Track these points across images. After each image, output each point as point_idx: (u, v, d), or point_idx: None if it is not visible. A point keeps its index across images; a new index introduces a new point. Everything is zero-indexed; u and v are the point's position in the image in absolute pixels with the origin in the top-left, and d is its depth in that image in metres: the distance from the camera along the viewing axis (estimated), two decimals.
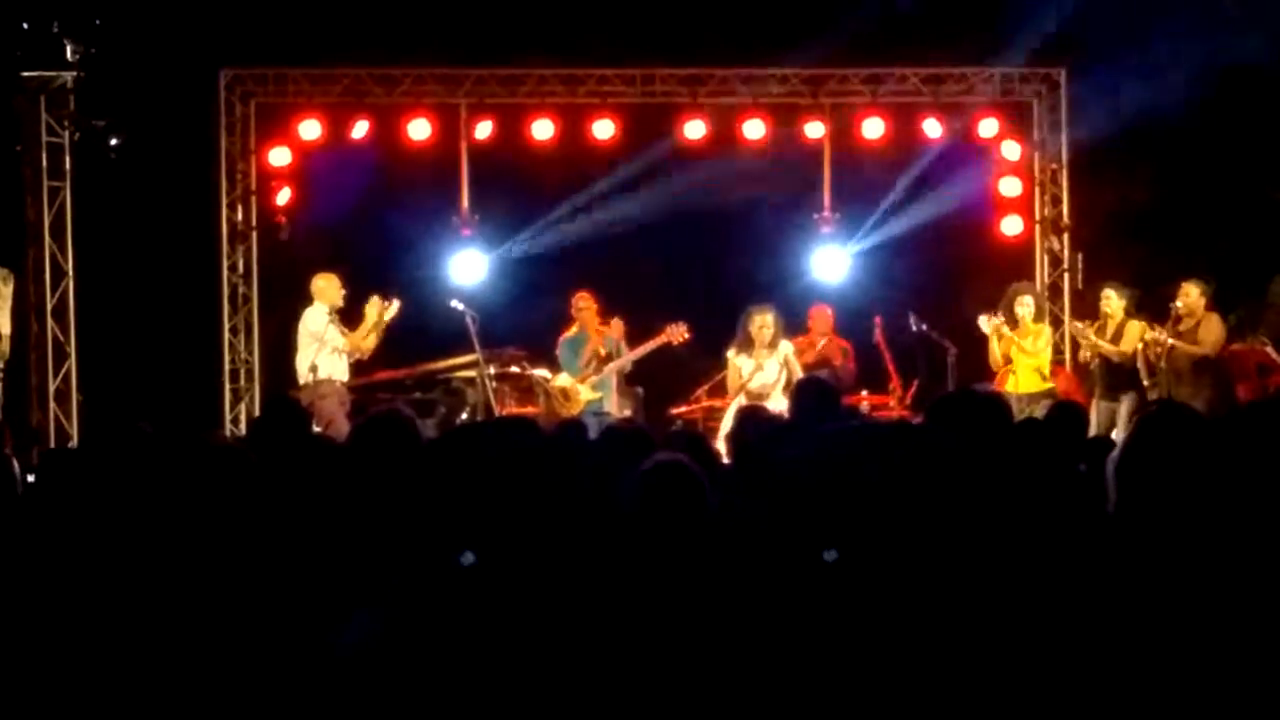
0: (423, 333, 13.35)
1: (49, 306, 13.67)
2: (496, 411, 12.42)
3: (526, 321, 14.04)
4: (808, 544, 4.01)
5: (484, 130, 15.02)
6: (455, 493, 3.95)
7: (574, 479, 4.63)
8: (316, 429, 10.76)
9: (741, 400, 12.00)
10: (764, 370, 12.19)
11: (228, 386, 15.11)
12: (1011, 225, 15.33)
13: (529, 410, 12.91)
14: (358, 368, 12.64)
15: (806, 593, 3.84)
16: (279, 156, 15.04)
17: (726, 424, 12.03)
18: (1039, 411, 10.63)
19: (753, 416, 7.26)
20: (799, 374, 12.00)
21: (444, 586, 3.75)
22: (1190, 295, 12.38)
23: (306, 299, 12.42)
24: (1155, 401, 6.13)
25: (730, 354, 12.33)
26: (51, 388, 13.71)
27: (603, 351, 12.85)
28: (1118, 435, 10.97)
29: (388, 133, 14.95)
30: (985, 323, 12.69)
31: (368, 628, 3.65)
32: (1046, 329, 13.05)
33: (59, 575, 4.17)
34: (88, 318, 13.91)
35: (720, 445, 8.57)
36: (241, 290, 15.29)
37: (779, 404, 11.53)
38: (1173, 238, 14.19)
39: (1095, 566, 3.88)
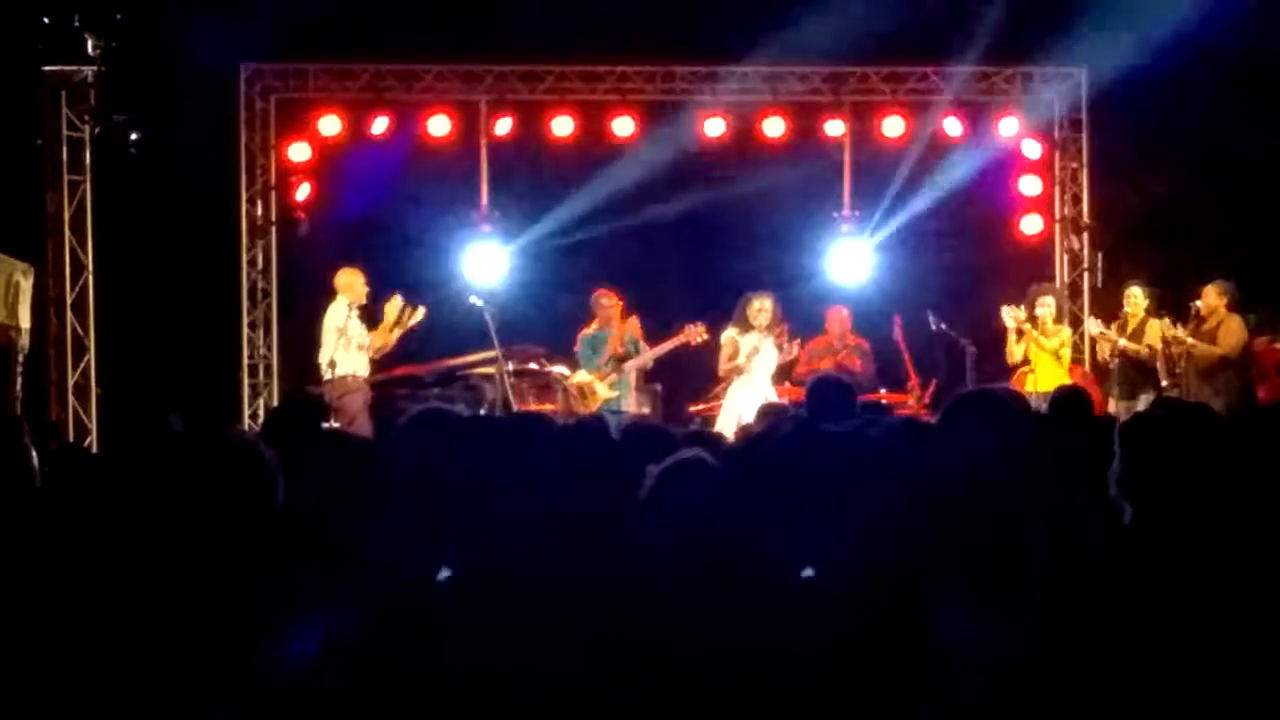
0: (442, 329, 13.35)
1: (68, 300, 13.69)
2: (515, 408, 12.41)
3: (545, 318, 14.05)
4: (830, 539, 3.98)
5: (504, 127, 15.03)
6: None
7: (591, 475, 4.61)
8: (337, 425, 10.78)
9: (732, 382, 12.08)
10: (761, 353, 12.17)
11: (246, 381, 15.12)
12: (1031, 224, 15.29)
13: (547, 407, 12.89)
14: (376, 364, 12.63)
15: (826, 593, 3.83)
16: (299, 152, 15.06)
17: (728, 411, 12.02)
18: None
19: (777, 414, 7.24)
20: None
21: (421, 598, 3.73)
22: (1211, 297, 12.35)
23: (329, 294, 12.42)
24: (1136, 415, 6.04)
25: (731, 332, 12.27)
26: (70, 382, 13.73)
27: (622, 350, 12.84)
28: None
29: (408, 129, 14.97)
30: (1008, 316, 12.64)
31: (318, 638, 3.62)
32: (1066, 330, 13.01)
33: (72, 567, 4.17)
34: (107, 312, 13.93)
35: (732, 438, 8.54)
36: (261, 285, 15.29)
37: (770, 394, 11.70)
38: (1193, 237, 14.14)
39: (1114, 574, 3.86)
